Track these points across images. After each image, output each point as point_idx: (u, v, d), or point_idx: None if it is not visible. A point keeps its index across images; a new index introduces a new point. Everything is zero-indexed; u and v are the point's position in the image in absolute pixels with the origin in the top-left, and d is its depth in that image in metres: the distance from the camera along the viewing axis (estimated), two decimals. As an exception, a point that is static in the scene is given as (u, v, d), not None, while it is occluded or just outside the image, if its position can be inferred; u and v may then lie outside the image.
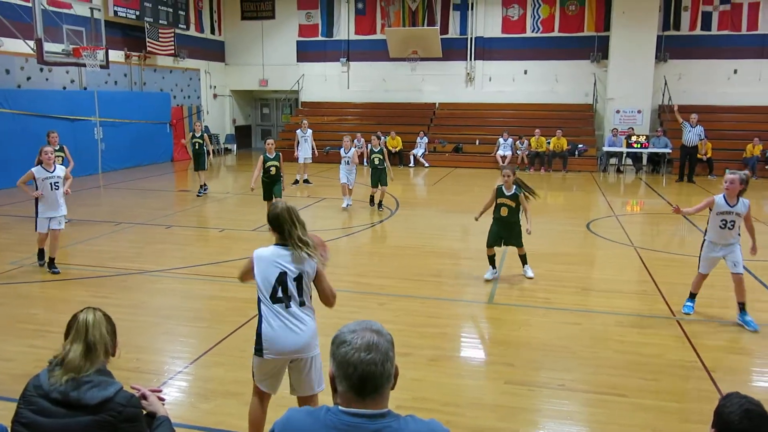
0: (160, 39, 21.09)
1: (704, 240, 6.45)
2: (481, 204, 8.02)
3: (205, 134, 14.83)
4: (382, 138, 19.42)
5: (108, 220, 11.37)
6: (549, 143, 19.89)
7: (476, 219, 7.92)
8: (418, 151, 21.04)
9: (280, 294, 3.51)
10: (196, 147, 14.51)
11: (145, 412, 2.66)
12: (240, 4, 25.47)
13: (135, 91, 20.46)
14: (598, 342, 5.83)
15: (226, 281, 7.71)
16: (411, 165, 20.87)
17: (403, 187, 16.76)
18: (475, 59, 23.54)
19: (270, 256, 3.56)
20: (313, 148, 16.82)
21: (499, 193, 7.68)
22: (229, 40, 25.96)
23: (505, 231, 7.69)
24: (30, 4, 14.58)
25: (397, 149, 20.92)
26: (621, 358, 5.44)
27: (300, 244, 3.52)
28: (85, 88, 18.27)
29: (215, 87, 25.35)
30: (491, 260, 7.80)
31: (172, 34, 21.65)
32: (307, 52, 25.17)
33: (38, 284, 7.66)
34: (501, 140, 20.33)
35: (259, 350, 3.56)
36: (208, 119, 24.81)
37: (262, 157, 10.99)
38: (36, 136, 15.23)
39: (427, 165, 20.80)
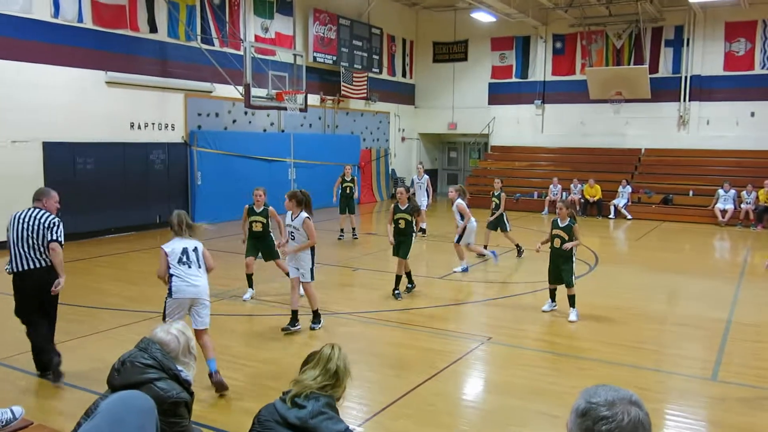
0: (354, 83, 22.63)
1: None
2: (687, 263, 7.33)
3: (354, 177, 14.81)
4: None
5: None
6: (783, 197, 17.81)
7: (537, 251, 8.78)
8: (620, 201, 19.98)
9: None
10: (347, 191, 14.40)
11: None
12: (432, 47, 26.53)
13: (328, 133, 22.04)
14: None
15: (414, 329, 7.84)
16: (611, 216, 19.85)
17: (601, 241, 15.96)
18: (689, 100, 22.06)
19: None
20: (428, 196, 15.97)
21: (554, 224, 8.41)
22: (419, 83, 27.07)
23: (553, 264, 8.34)
24: (241, 53, 16.50)
25: (595, 199, 20.07)
26: None
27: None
28: (283, 131, 20.09)
29: (404, 130, 26.48)
30: (551, 294, 8.61)
31: (366, 78, 23.15)
32: (499, 95, 25.38)
33: (233, 317, 8.36)
34: (721, 191, 18.61)
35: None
36: (395, 162, 25.91)
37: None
38: (236, 174, 17.02)
39: (629, 217, 19.64)
